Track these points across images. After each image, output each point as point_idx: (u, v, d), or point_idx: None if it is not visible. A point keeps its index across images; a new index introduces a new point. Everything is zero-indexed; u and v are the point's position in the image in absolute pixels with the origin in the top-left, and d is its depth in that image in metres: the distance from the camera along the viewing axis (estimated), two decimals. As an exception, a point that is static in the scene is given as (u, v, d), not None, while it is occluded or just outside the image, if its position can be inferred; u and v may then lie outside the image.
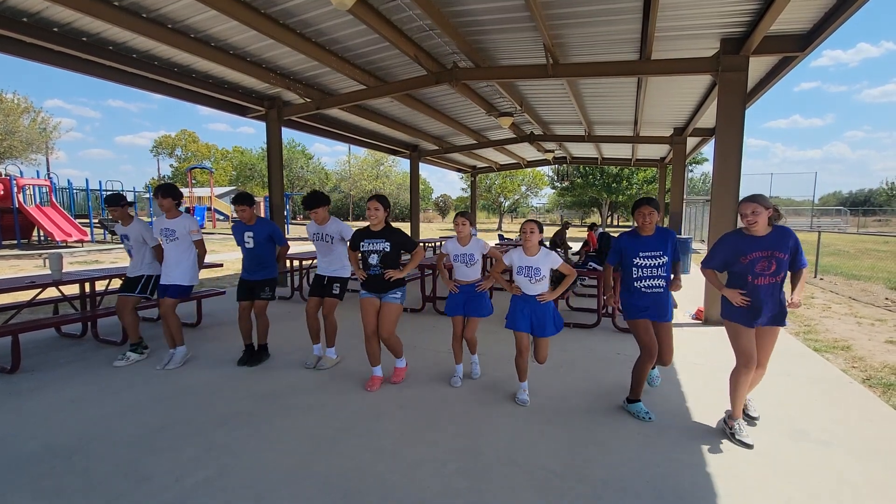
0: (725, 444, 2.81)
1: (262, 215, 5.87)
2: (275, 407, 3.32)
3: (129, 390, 3.58)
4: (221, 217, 33.52)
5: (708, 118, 9.56)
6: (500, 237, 15.09)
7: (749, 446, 2.75)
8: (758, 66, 6.44)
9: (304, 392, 3.59)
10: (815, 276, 9.87)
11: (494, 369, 4.10)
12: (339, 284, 4.09)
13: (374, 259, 3.51)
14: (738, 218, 2.89)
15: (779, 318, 2.81)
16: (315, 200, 3.98)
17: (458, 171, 19.73)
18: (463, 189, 43.18)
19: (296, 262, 7.62)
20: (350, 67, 6.81)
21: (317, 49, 6.07)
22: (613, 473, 2.50)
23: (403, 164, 48.84)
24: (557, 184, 39.12)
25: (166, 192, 4.11)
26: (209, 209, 30.71)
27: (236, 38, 5.91)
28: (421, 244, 3.90)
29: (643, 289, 3.14)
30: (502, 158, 17.30)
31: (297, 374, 3.96)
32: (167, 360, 4.16)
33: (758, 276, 2.75)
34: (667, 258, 3.12)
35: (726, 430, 2.92)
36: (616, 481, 2.43)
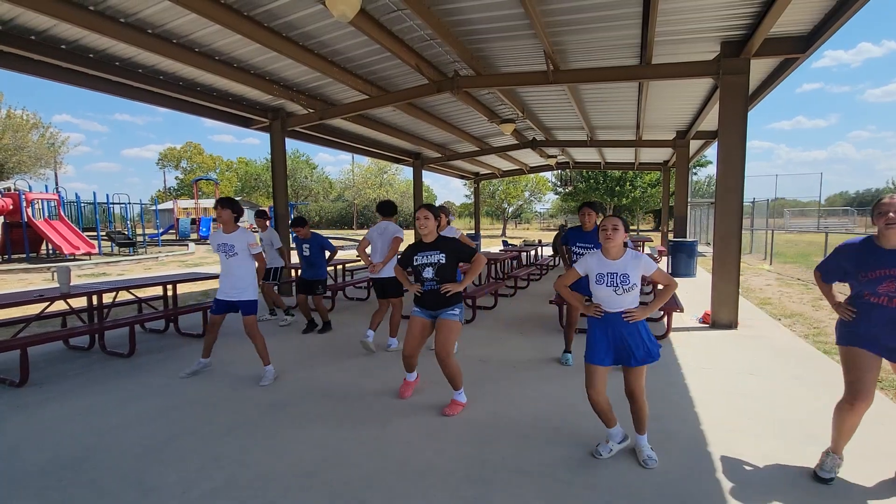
0: (734, 449, 2.77)
1: (268, 225, 6.33)
2: (281, 416, 3.32)
3: (136, 402, 3.60)
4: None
5: (710, 121, 9.56)
6: (504, 243, 15.08)
7: (824, 481, 2.40)
8: (759, 68, 6.44)
9: (309, 401, 3.58)
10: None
11: (501, 376, 4.08)
12: (392, 287, 4.83)
13: (428, 273, 3.21)
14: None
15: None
16: (390, 209, 4.86)
17: (461, 177, 19.80)
18: (466, 196, 43.27)
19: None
20: (352, 78, 6.88)
21: (319, 60, 6.14)
22: (621, 480, 2.47)
23: (407, 172, 49.09)
24: (560, 189, 39.12)
25: (226, 204, 3.95)
26: (215, 220, 30.97)
27: (240, 51, 5.99)
28: (481, 252, 3.71)
29: None
30: (505, 164, 17.34)
31: (300, 385, 3.97)
32: (194, 370, 4.20)
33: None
34: (597, 251, 3.22)
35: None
36: (624, 488, 2.41)
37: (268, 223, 6.55)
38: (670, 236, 12.63)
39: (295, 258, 7.12)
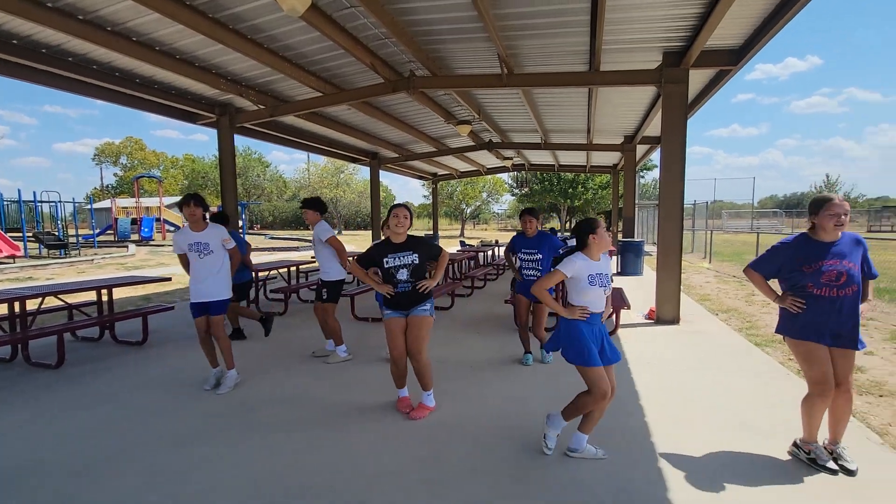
0: (676, 439, 2.93)
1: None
2: (230, 425, 3.17)
3: (69, 416, 3.32)
4: (172, 228, 31.92)
5: (655, 127, 10.07)
6: (462, 244, 15.19)
7: (834, 472, 2.47)
8: (697, 78, 6.85)
9: (260, 409, 3.45)
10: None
11: (459, 376, 4.10)
12: (324, 289, 4.59)
13: (403, 274, 3.15)
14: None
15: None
16: (316, 205, 4.58)
17: (420, 178, 19.78)
18: (425, 196, 43.28)
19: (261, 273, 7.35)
20: (305, 74, 6.70)
21: (269, 55, 5.93)
22: (575, 477, 2.54)
23: (364, 172, 48.36)
24: (517, 190, 39.92)
25: (199, 202, 3.77)
26: (158, 220, 29.17)
27: (182, 42, 5.69)
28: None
29: (525, 276, 4.35)
30: (462, 165, 17.49)
31: (251, 392, 3.81)
32: (214, 382, 3.83)
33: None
34: (541, 255, 4.23)
35: (801, 455, 2.61)
36: (574, 483, 2.48)
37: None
38: (619, 236, 13.18)
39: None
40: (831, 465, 2.51)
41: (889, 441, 2.90)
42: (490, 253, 13.11)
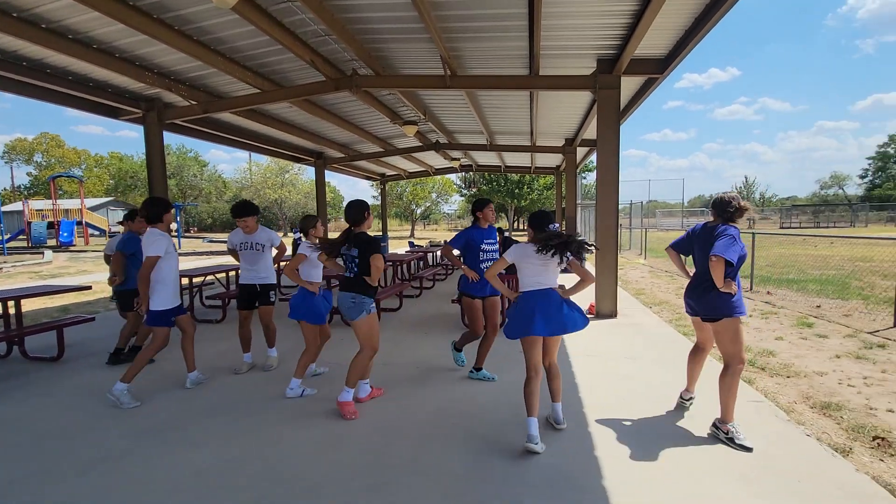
0: (609, 426, 3.08)
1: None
2: (153, 443, 2.96)
3: (-40, 446, 2.96)
4: (96, 232, 29.42)
5: (593, 130, 10.53)
6: (411, 244, 15.15)
7: (750, 449, 2.72)
8: (629, 85, 7.25)
9: (188, 423, 3.25)
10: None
11: (404, 377, 4.07)
12: (273, 291, 4.40)
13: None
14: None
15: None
16: (245, 210, 4.21)
17: (368, 178, 19.49)
18: (374, 197, 42.72)
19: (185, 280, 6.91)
20: (240, 70, 6.40)
21: (199, 48, 5.61)
22: (514, 469, 2.60)
23: (311, 172, 46.99)
24: (465, 191, 40.41)
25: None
26: (80, 223, 26.75)
27: (99, 31, 5.25)
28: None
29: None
30: (410, 166, 17.43)
31: (181, 406, 3.58)
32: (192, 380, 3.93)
33: None
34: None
35: (720, 434, 2.85)
36: (516, 476, 2.54)
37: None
38: (563, 235, 13.68)
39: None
40: (748, 443, 2.75)
41: (794, 417, 3.21)
42: (439, 253, 13.16)
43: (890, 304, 6.13)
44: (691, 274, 3.13)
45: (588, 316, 6.27)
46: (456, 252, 4.08)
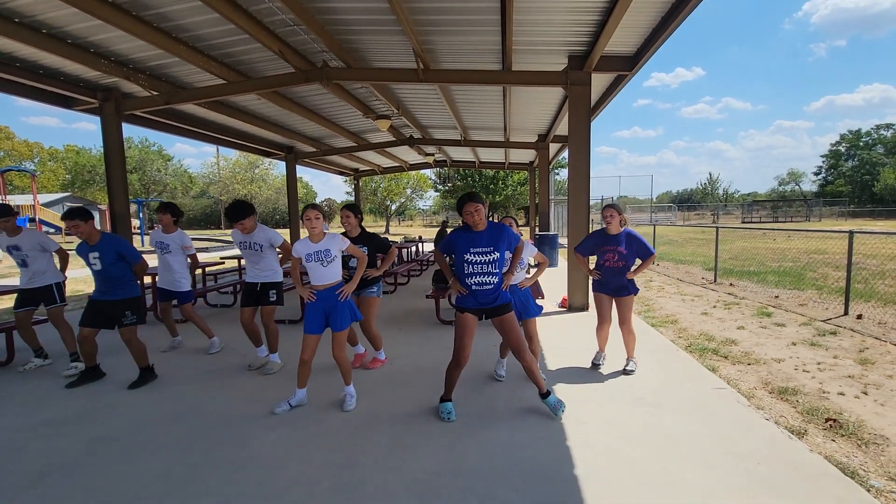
0: (581, 418, 3.13)
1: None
2: (112, 450, 2.82)
3: None
4: (52, 230, 27.96)
5: (565, 127, 10.68)
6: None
7: (630, 372, 3.92)
8: (599, 81, 7.36)
9: (153, 428, 3.12)
10: (654, 263, 11.62)
11: (377, 373, 4.03)
12: (274, 290, 4.20)
13: (354, 262, 3.76)
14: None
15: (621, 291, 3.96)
16: (240, 212, 3.99)
17: (341, 173, 19.19)
18: (348, 192, 42.13)
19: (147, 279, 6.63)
20: (204, 59, 6.16)
21: (160, 36, 5.37)
22: (486, 463, 2.61)
23: (282, 167, 45.89)
24: (440, 186, 40.35)
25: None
26: (33, 220, 25.35)
27: (49, 14, 4.95)
28: (394, 245, 4.13)
29: (473, 287, 3.00)
30: (384, 161, 17.26)
31: (145, 409, 3.44)
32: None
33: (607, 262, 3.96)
34: (498, 254, 3.00)
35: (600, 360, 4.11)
36: (488, 470, 2.54)
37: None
38: (537, 230, 13.84)
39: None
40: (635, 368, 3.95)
41: (754, 402, 3.34)
42: (413, 249, 13.11)
43: (841, 293, 6.47)
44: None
45: (561, 309, 6.47)
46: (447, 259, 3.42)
